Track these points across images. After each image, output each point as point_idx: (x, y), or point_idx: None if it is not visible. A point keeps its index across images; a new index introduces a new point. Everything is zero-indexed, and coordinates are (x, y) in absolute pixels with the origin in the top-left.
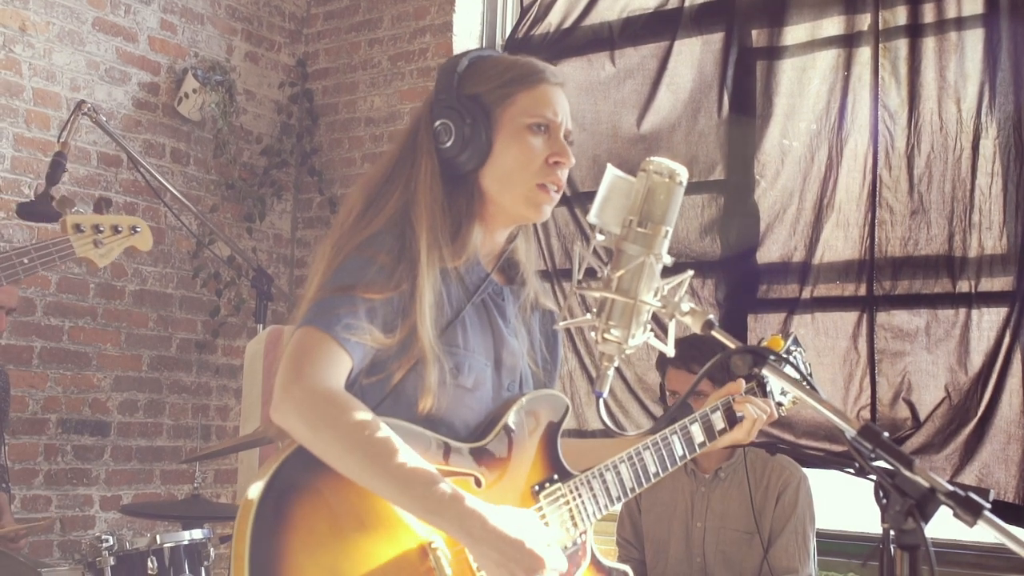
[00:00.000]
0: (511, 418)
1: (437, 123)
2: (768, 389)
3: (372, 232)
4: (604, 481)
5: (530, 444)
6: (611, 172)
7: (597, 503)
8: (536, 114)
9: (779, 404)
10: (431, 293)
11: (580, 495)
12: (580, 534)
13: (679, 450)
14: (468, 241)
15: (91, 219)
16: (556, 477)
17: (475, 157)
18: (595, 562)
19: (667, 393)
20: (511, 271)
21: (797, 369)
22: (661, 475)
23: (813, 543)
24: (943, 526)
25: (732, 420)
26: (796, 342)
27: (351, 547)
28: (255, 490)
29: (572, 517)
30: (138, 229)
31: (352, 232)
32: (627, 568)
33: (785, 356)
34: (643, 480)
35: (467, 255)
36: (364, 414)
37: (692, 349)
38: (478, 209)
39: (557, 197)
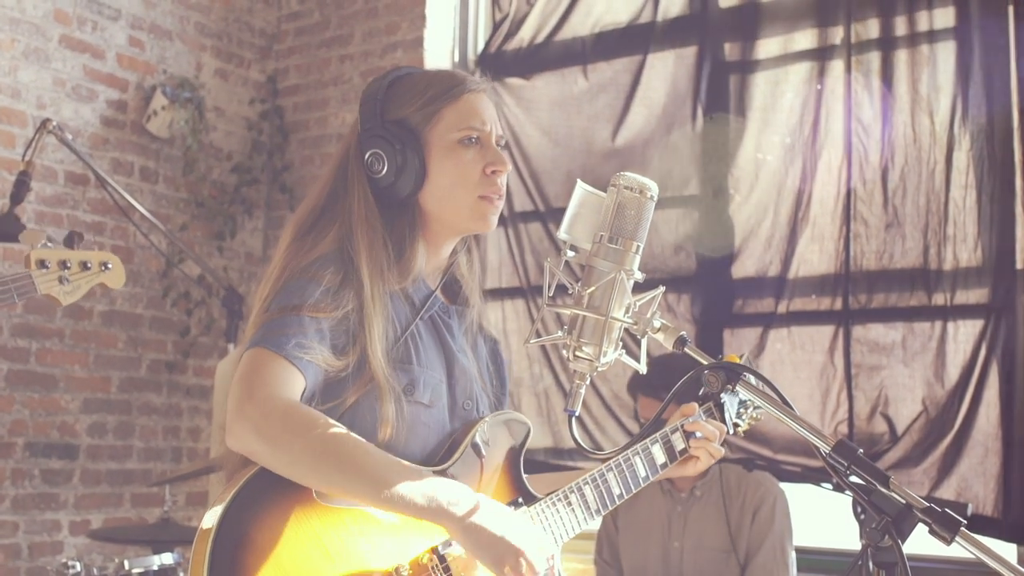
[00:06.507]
0: (475, 439)
1: (368, 154)
2: (725, 412)
3: (315, 256)
4: (569, 503)
5: (494, 467)
6: (581, 187)
7: (564, 525)
8: (464, 127)
9: (736, 425)
10: (381, 320)
11: (546, 518)
12: (548, 558)
13: (642, 471)
14: (413, 262)
15: (57, 254)
16: (520, 500)
17: (411, 182)
18: None
19: (641, 420)
20: (454, 287)
21: (770, 384)
22: (626, 496)
23: (792, 558)
24: (924, 542)
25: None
26: (748, 361)
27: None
28: (211, 518)
29: None
30: (109, 266)
31: (293, 257)
32: None
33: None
34: (608, 502)
35: (412, 275)
36: (325, 420)
37: (664, 376)
38: (421, 230)
39: (500, 204)
